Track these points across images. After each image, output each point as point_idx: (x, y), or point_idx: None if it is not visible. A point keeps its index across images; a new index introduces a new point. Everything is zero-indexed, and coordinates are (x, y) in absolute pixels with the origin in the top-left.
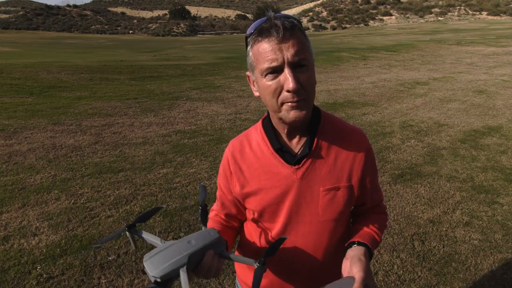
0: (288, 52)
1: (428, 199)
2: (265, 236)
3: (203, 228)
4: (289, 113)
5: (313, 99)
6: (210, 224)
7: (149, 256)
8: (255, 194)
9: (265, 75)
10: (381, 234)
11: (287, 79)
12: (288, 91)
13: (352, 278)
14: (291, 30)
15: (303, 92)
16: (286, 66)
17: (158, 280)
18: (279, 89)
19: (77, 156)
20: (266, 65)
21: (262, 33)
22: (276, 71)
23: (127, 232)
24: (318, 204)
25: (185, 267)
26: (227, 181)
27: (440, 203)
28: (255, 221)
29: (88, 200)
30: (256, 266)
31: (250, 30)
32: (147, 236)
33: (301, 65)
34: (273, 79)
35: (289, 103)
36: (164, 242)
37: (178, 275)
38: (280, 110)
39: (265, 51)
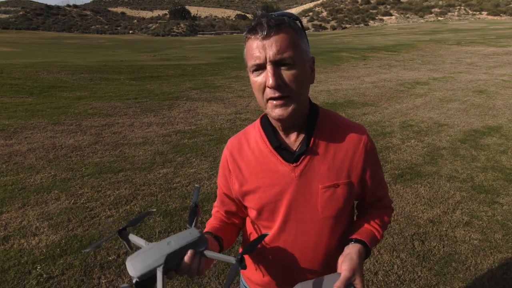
0: (270, 50)
1: (428, 199)
2: None
3: (188, 227)
4: (273, 111)
5: (301, 96)
6: (211, 220)
7: (131, 258)
8: (253, 192)
9: (252, 72)
10: (383, 230)
11: (268, 76)
12: (268, 87)
13: (338, 275)
14: (276, 28)
15: (286, 89)
16: (268, 63)
17: (138, 280)
18: (263, 85)
19: (77, 156)
20: (251, 62)
21: (250, 31)
22: (260, 68)
23: (119, 236)
24: (318, 201)
25: (161, 267)
26: (226, 180)
27: (440, 203)
28: (254, 219)
29: (88, 200)
30: (234, 262)
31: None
32: (133, 238)
33: (285, 64)
34: (258, 75)
35: (273, 101)
36: (148, 244)
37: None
38: (266, 107)
39: (252, 48)
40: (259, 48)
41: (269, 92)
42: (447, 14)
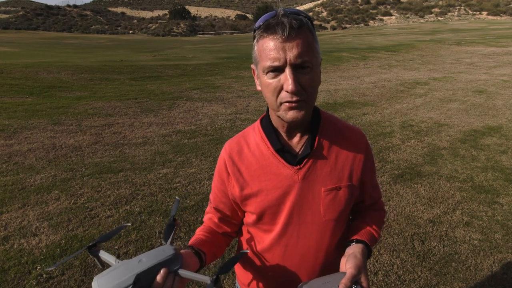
0: (291, 53)
1: (428, 199)
2: (265, 239)
3: (163, 243)
4: (287, 113)
5: (313, 100)
6: (198, 230)
7: (98, 277)
8: (255, 195)
9: (267, 73)
10: (380, 231)
11: (287, 80)
12: (287, 91)
13: (343, 274)
14: (298, 30)
15: (303, 93)
16: (287, 66)
17: None
18: (279, 88)
19: (77, 156)
20: (268, 63)
21: (268, 29)
22: (277, 70)
23: (89, 252)
24: (320, 204)
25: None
26: (224, 184)
27: (440, 203)
28: (254, 223)
29: (88, 200)
30: (209, 282)
31: (258, 23)
32: (103, 255)
33: (303, 67)
34: (274, 77)
35: (287, 103)
36: (118, 262)
37: None
38: (279, 109)
39: (268, 49)
40: (278, 50)
41: (286, 96)
42: (447, 14)
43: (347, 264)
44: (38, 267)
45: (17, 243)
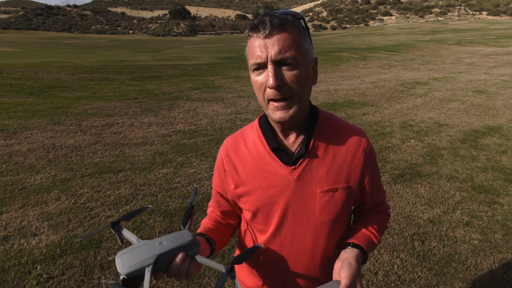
0: (272, 50)
1: (428, 199)
2: (259, 238)
3: (182, 228)
4: (274, 113)
5: (302, 98)
6: (205, 220)
7: (121, 253)
8: (249, 194)
9: (253, 70)
10: (380, 235)
11: (268, 75)
12: (269, 87)
13: (338, 283)
14: (279, 27)
15: (287, 90)
16: (269, 63)
17: (125, 277)
18: (264, 85)
19: (77, 156)
20: (252, 60)
21: (252, 29)
22: (261, 67)
23: (111, 229)
24: (315, 205)
25: (150, 267)
26: (222, 180)
27: (440, 203)
28: (249, 221)
29: (88, 200)
30: (224, 271)
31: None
32: (126, 233)
33: (286, 63)
34: (259, 75)
35: (274, 102)
36: (140, 241)
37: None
38: (267, 108)
39: (253, 47)
40: (260, 47)
41: (270, 93)
42: (447, 14)
43: (341, 272)
44: (38, 267)
45: (17, 243)
